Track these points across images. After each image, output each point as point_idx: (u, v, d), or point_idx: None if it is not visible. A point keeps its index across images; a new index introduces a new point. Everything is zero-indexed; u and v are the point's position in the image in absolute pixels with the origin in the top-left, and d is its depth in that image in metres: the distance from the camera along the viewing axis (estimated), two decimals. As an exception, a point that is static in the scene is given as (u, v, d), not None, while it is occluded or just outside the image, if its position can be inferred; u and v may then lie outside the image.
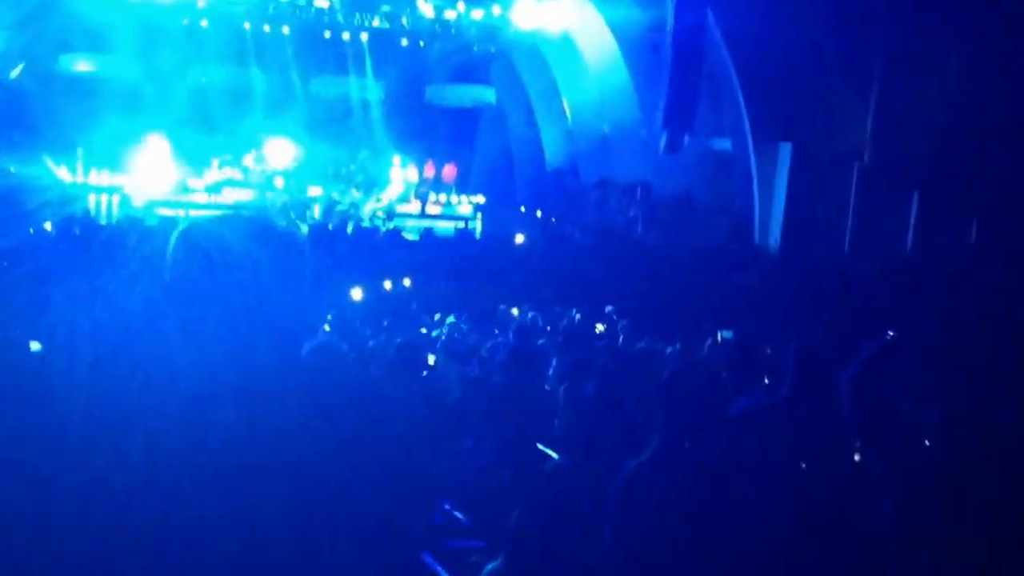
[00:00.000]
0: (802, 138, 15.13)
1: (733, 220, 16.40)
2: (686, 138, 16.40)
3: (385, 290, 15.07)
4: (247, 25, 22.53)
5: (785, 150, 15.38)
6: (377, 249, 17.82)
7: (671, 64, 16.13)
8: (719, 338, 9.02)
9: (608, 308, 12.20)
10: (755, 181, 16.07)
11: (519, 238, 18.76)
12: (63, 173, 21.24)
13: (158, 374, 2.97)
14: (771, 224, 15.32)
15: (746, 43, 15.51)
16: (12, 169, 19.99)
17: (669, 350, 8.07)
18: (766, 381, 6.26)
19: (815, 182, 14.92)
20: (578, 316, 11.66)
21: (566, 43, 21.60)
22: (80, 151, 21.85)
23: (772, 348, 7.31)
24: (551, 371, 7.10)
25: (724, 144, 17.45)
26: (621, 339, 9.90)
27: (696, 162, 17.52)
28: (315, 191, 22.11)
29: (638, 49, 18.81)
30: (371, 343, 9.55)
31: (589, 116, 21.79)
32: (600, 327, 11.19)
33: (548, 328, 10.57)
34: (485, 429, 6.82)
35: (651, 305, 12.19)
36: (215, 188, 21.85)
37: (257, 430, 3.01)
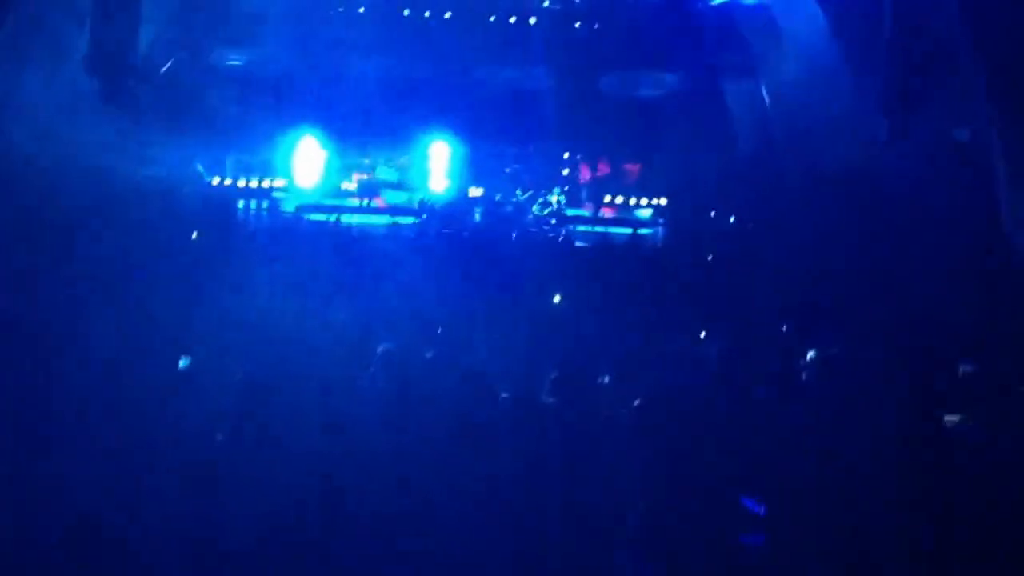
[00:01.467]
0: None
1: (974, 222, 14.39)
2: (912, 124, 14.81)
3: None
4: (406, 12, 22.28)
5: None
6: (543, 256, 17.19)
7: (891, 33, 14.76)
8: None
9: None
10: (1001, 174, 13.85)
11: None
12: (212, 174, 21.45)
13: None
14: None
15: (984, 6, 13.61)
16: (159, 172, 19.80)
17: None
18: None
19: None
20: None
21: (763, 16, 20.11)
22: (230, 151, 22.05)
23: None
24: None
25: (960, 131, 15.33)
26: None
27: (925, 152, 15.64)
28: (476, 192, 21.77)
29: (849, 19, 17.08)
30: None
31: (791, 101, 20.09)
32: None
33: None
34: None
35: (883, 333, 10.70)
36: (370, 190, 21.79)
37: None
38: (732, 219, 19.80)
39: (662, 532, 6.11)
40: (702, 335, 11.98)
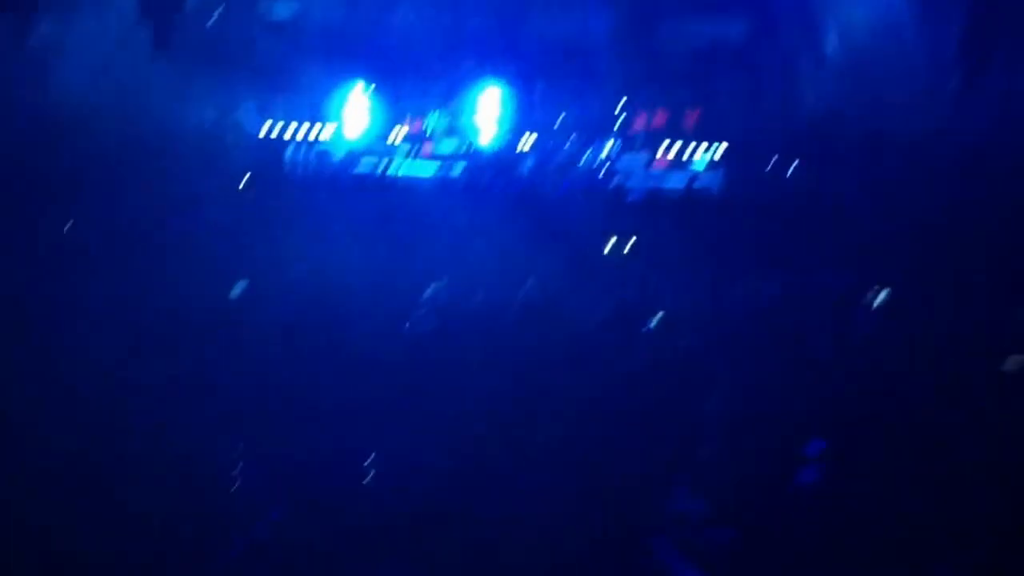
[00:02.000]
0: None
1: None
2: (985, 77, 14.83)
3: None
4: None
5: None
6: (595, 205, 17.65)
7: None
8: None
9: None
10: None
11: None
12: (262, 125, 21.40)
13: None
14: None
15: None
16: (208, 118, 20.28)
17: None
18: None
19: None
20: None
21: None
22: (278, 99, 21.80)
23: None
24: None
25: None
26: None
27: (999, 107, 15.29)
28: (528, 141, 21.42)
29: None
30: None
31: (858, 53, 19.51)
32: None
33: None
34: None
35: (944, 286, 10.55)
36: (421, 138, 21.60)
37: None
38: (793, 167, 19.54)
39: (716, 469, 6.16)
40: (759, 284, 11.97)
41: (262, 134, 21.07)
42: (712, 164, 21.22)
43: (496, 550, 5.59)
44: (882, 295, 10.47)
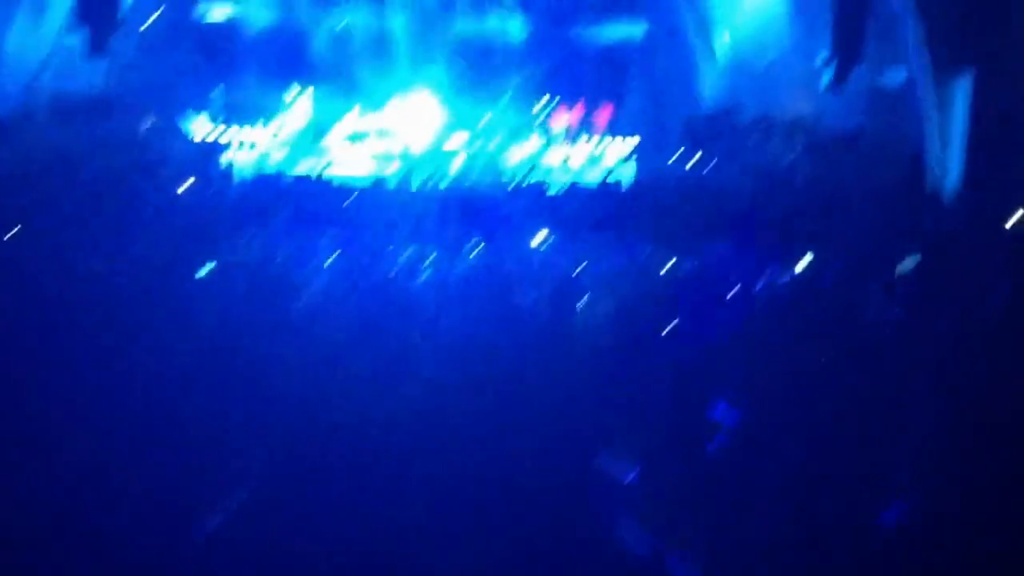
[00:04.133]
0: (986, 68, 14.76)
1: (906, 159, 16.16)
2: (854, 71, 16.33)
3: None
4: None
5: (965, 82, 15.04)
6: (520, 200, 17.73)
7: None
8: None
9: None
10: (931, 116, 15.81)
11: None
12: (198, 128, 21.69)
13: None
14: (949, 164, 15.08)
15: None
16: (146, 126, 20.54)
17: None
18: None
19: (1000, 115, 14.62)
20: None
21: None
22: (215, 104, 22.35)
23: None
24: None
25: (897, 75, 17.00)
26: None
27: (865, 97, 17.22)
28: (457, 140, 22.20)
29: None
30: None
31: (747, 50, 21.41)
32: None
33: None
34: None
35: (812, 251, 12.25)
36: (355, 139, 22.07)
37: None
38: (698, 155, 20.76)
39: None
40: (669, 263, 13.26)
41: (198, 138, 21.24)
42: (625, 157, 22.14)
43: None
44: (776, 271, 11.66)
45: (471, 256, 12.58)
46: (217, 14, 23.27)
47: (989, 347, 8.13)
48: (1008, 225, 12.69)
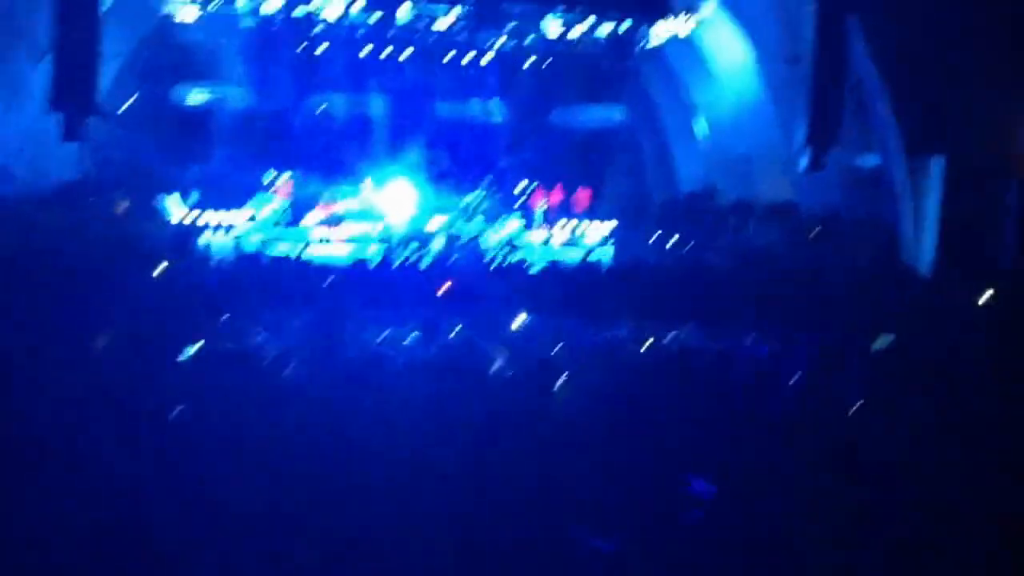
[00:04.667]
0: (957, 151, 15.17)
1: (883, 240, 16.42)
2: (830, 155, 16.42)
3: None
4: (367, 49, 23.03)
5: (938, 164, 15.40)
6: (501, 280, 17.54)
7: (812, 76, 16.22)
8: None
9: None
10: (905, 198, 16.14)
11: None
12: (176, 210, 21.62)
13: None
14: (923, 243, 15.37)
15: (892, 50, 15.70)
16: (121, 208, 20.55)
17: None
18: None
19: (971, 198, 14.95)
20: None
21: (699, 57, 21.77)
22: (193, 186, 22.15)
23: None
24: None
25: (872, 160, 17.46)
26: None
27: (842, 180, 17.55)
28: (437, 222, 22.30)
29: (775, 61, 18.93)
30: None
31: (725, 135, 21.85)
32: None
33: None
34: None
35: (795, 329, 12.40)
36: (334, 221, 22.14)
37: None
38: (675, 238, 20.88)
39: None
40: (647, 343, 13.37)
41: (175, 221, 21.07)
42: (605, 238, 22.40)
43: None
44: (754, 351, 11.80)
45: (451, 336, 12.30)
46: (195, 97, 23.46)
47: (968, 424, 8.19)
48: (980, 302, 12.88)
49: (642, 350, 11.92)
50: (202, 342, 9.94)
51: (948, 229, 15.08)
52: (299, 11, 19.78)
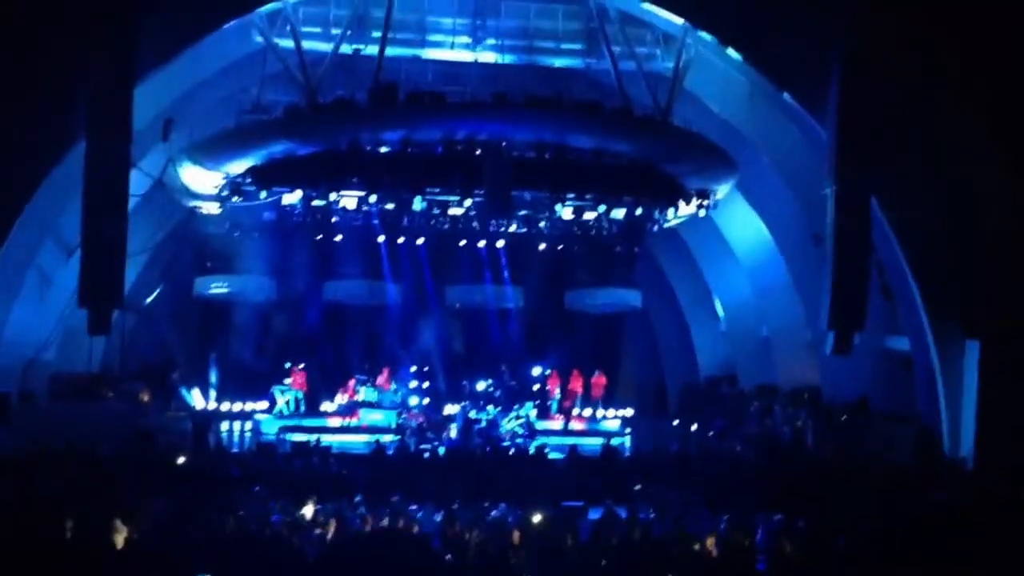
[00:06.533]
0: (992, 334, 14.68)
1: (918, 429, 15.85)
2: (856, 338, 15.91)
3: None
4: (380, 239, 23.09)
5: (972, 348, 14.88)
6: (516, 468, 17.58)
7: (834, 256, 15.92)
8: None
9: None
10: (939, 383, 15.60)
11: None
12: (196, 400, 21.82)
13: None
14: (962, 432, 14.76)
15: (918, 229, 15.53)
16: (145, 398, 20.55)
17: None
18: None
19: (1011, 384, 14.41)
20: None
21: (716, 238, 21.58)
22: (212, 376, 22.80)
23: None
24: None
25: (901, 343, 16.97)
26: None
27: (869, 364, 17.08)
28: (451, 409, 22.12)
29: (796, 242, 18.71)
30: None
31: (745, 317, 21.57)
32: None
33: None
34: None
35: (827, 529, 11.82)
36: (348, 410, 22.16)
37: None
38: (693, 428, 20.54)
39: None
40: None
41: (196, 408, 21.25)
42: (623, 424, 22.26)
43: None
44: (780, 540, 11.44)
45: (473, 519, 12.34)
46: (216, 288, 23.54)
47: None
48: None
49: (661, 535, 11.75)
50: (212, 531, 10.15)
51: (986, 418, 14.44)
52: (317, 202, 19.92)
